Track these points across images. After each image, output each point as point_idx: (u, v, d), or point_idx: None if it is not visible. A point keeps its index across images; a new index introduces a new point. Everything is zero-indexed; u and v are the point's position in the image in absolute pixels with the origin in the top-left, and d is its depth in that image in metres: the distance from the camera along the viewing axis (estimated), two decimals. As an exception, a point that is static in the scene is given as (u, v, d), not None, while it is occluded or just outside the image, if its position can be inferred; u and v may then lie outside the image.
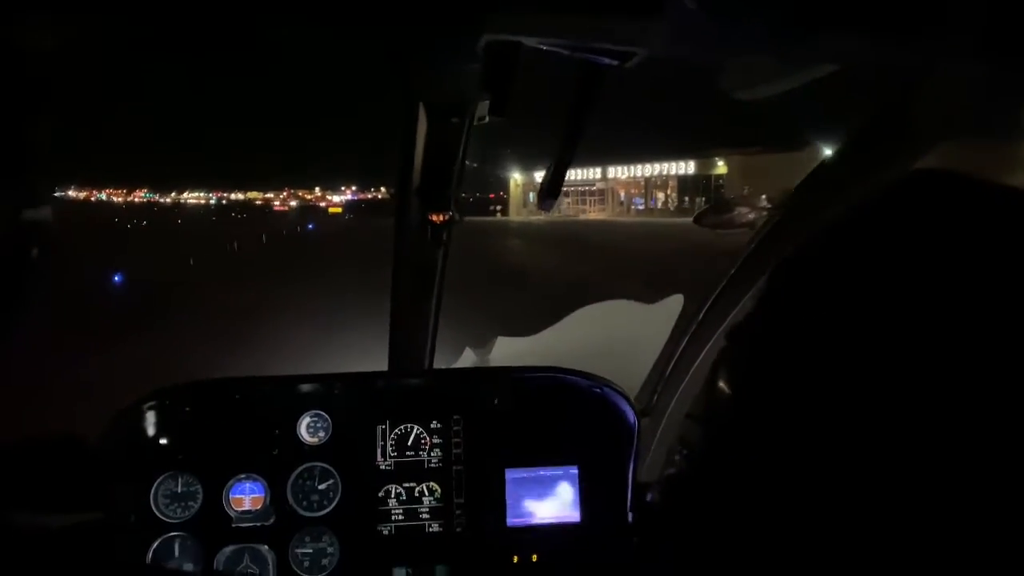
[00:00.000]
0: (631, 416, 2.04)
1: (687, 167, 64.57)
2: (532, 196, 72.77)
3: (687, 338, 2.27)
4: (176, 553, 1.96)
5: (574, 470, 2.06)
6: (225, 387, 2.07)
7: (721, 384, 0.70)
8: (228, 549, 1.97)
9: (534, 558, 2.02)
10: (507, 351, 3.60)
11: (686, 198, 63.58)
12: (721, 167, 60.14)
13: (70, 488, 1.95)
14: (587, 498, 2.05)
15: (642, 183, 69.83)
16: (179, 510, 1.97)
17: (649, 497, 2.02)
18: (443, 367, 2.43)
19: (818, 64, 1.27)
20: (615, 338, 2.36)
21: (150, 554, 1.95)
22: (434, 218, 1.65)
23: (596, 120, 1.23)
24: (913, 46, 1.16)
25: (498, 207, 75.28)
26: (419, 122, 1.51)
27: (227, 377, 2.08)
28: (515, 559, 2.02)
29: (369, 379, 2.14)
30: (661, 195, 68.28)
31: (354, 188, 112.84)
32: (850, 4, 0.97)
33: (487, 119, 1.47)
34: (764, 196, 1.92)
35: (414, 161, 1.62)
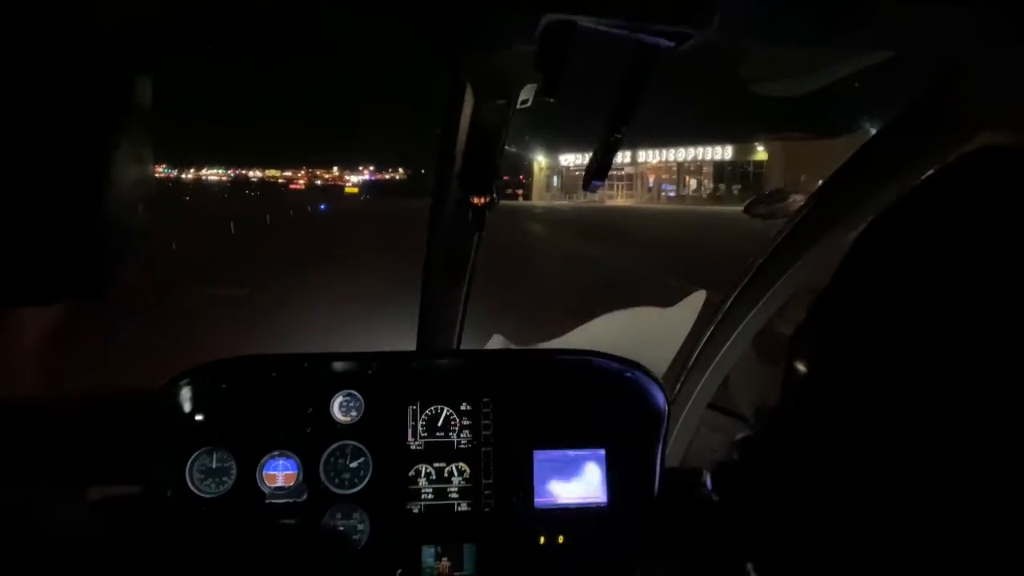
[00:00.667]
0: (661, 401, 2.06)
1: (723, 152, 61.57)
2: (556, 180, 72.55)
3: (712, 328, 2.30)
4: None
5: (601, 452, 2.09)
6: (260, 364, 2.11)
7: (798, 369, 0.67)
8: None
9: (560, 539, 2.05)
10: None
11: (721, 185, 61.02)
12: (761, 153, 57.12)
13: (109, 460, 2.00)
14: (614, 481, 2.08)
15: (674, 168, 66.54)
16: (213, 485, 2.01)
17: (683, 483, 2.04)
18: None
19: (854, 57, 1.30)
20: (639, 342, 2.37)
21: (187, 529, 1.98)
22: (476, 201, 1.67)
23: (643, 100, 1.24)
24: (950, 36, 1.19)
25: (519, 191, 72.04)
26: (464, 103, 1.53)
27: (262, 354, 2.11)
28: (542, 540, 2.05)
29: (402, 359, 2.18)
30: (693, 182, 65.32)
31: (371, 168, 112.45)
32: None
33: (529, 102, 1.50)
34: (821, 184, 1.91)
35: (457, 142, 1.64)
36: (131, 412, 2.00)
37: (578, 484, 2.08)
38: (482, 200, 1.67)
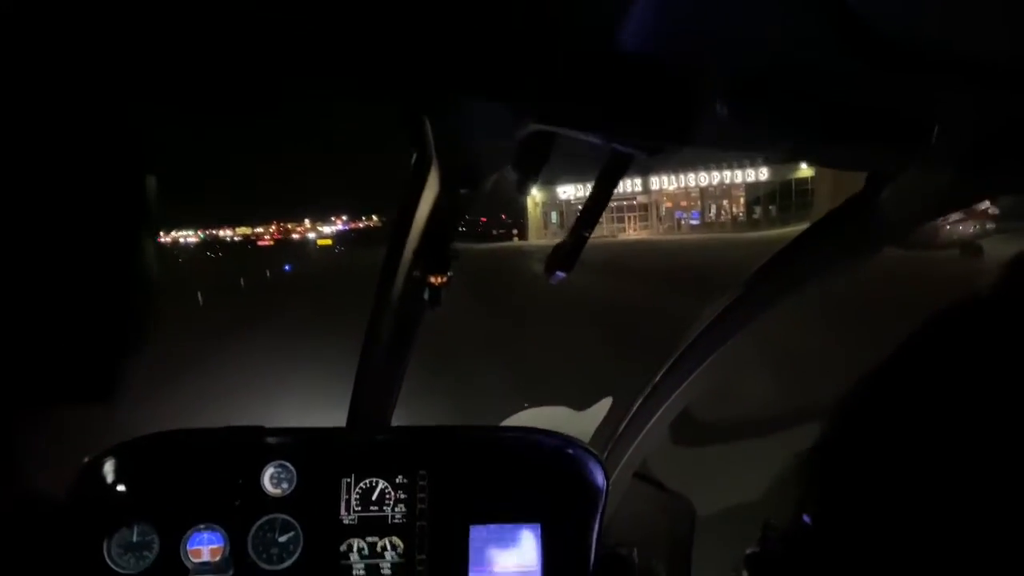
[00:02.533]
0: (600, 478, 2.11)
1: (757, 173, 55.29)
2: (555, 216, 63.96)
3: (639, 402, 2.37)
4: None
5: (538, 528, 2.11)
6: (188, 437, 2.04)
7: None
8: None
9: None
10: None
11: (757, 208, 54.30)
12: (805, 170, 49.72)
13: (25, 545, 1.88)
14: (550, 556, 2.10)
15: (695, 195, 58.75)
16: (133, 560, 1.92)
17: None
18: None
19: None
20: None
21: None
22: (433, 280, 1.69)
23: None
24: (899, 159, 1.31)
25: (514, 231, 67.53)
26: (428, 180, 1.55)
27: (191, 428, 2.05)
28: None
29: (334, 434, 2.14)
30: (725, 204, 57.23)
31: (344, 218, 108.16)
32: (860, 125, 1.09)
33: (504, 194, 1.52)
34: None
35: (416, 219, 1.65)
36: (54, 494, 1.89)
37: (514, 559, 2.08)
38: (439, 279, 1.69)
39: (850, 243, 1.70)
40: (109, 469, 1.93)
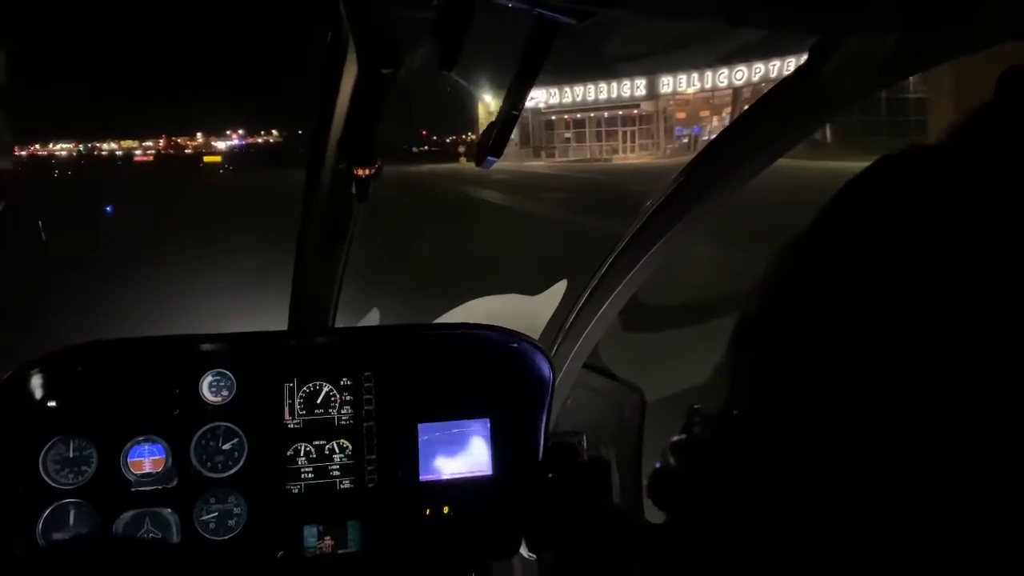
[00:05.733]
0: (547, 370, 2.09)
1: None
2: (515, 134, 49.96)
3: (586, 295, 2.35)
4: (71, 521, 1.86)
5: (487, 423, 2.10)
6: (120, 347, 1.96)
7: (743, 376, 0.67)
8: (127, 515, 1.89)
9: (445, 510, 2.06)
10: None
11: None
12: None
13: None
14: (499, 450, 2.10)
15: (724, 100, 40.35)
16: (71, 476, 1.87)
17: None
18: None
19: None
20: (507, 322, 2.39)
21: (40, 523, 1.84)
22: (359, 172, 1.60)
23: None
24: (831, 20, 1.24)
25: (460, 149, 50.87)
26: (346, 65, 1.44)
27: (121, 338, 1.97)
28: (427, 512, 2.04)
29: (273, 338, 2.08)
30: None
31: (241, 132, 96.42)
32: None
33: (421, 69, 1.43)
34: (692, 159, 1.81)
35: (336, 107, 1.55)
36: None
37: (463, 455, 2.08)
38: (366, 171, 1.60)
39: (794, 118, 1.65)
40: (35, 383, 1.86)
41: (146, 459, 1.91)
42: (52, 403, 1.87)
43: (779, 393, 0.62)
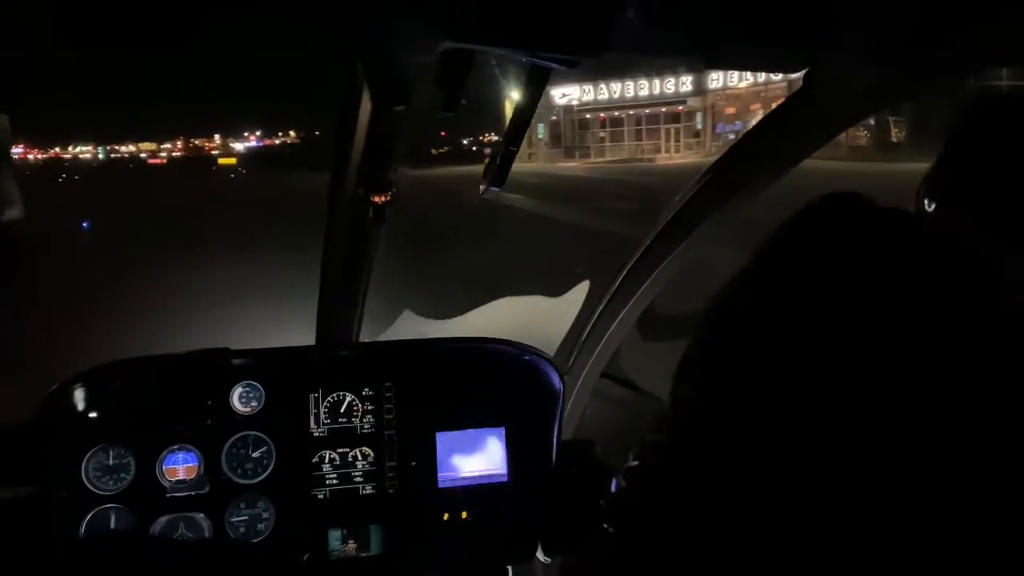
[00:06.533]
0: (556, 381, 2.18)
1: None
2: (541, 130, 45.13)
3: (603, 304, 2.41)
4: (111, 524, 1.98)
5: (501, 431, 2.19)
6: (156, 363, 2.08)
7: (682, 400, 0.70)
8: (163, 519, 2.00)
9: (464, 515, 2.14)
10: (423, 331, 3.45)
11: (893, 127, 33.25)
12: None
13: (5, 463, 1.95)
14: (514, 456, 2.19)
15: (780, 92, 34.54)
16: (111, 482, 1.99)
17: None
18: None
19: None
20: (531, 323, 2.45)
21: (83, 526, 1.96)
22: (376, 199, 1.69)
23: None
24: (806, 57, 1.29)
25: (486, 150, 37.14)
26: (362, 102, 1.54)
27: (156, 355, 2.09)
28: (446, 517, 2.13)
29: (301, 353, 2.19)
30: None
31: (259, 134, 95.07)
32: (755, 22, 1.06)
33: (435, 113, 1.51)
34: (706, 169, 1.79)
35: (355, 140, 1.64)
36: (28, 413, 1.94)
37: (480, 462, 2.17)
38: (382, 198, 1.69)
39: (793, 139, 1.70)
40: (79, 395, 1.98)
41: (180, 466, 2.03)
42: (94, 414, 2.00)
43: (708, 426, 0.65)
